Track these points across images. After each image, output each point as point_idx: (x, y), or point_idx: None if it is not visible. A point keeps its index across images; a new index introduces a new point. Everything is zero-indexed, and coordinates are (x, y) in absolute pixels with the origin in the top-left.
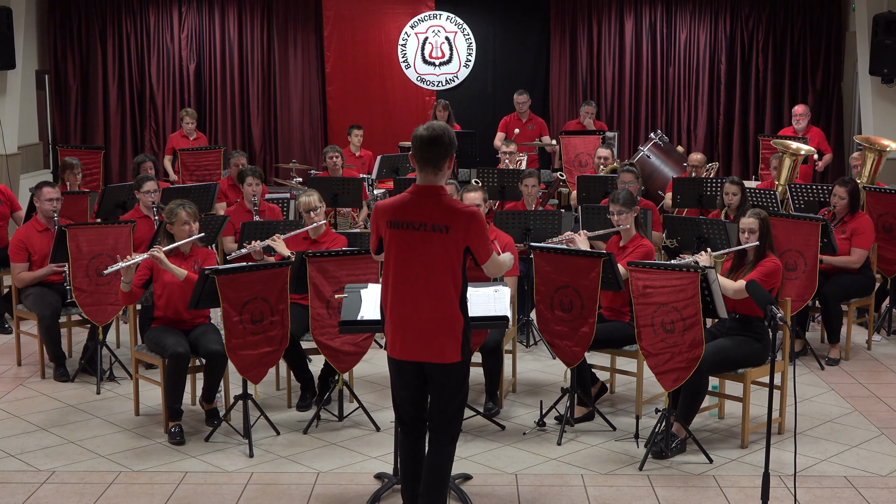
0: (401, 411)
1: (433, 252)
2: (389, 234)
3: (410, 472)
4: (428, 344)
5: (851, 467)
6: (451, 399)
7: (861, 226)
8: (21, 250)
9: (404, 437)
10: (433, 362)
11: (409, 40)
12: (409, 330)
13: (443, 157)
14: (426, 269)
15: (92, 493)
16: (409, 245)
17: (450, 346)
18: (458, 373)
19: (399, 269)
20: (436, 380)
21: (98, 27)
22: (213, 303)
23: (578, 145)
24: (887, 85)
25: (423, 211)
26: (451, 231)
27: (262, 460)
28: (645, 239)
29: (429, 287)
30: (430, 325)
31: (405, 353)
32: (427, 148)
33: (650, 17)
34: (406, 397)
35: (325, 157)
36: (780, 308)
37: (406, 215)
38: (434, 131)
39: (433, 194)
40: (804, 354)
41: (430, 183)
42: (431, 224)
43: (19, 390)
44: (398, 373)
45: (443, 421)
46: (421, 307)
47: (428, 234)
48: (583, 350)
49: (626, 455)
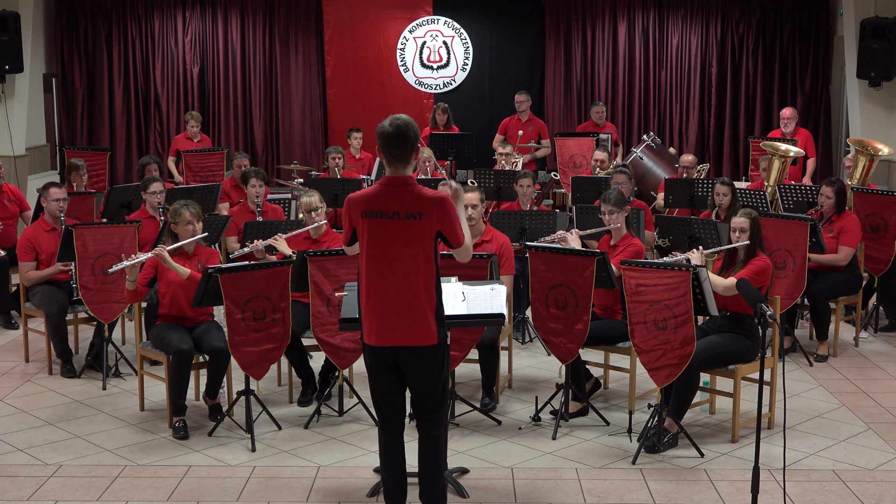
0: (380, 403)
1: (407, 239)
2: (364, 224)
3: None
4: (405, 328)
5: (839, 461)
6: (434, 385)
7: (848, 225)
8: (29, 249)
9: (383, 434)
10: (410, 345)
11: (408, 44)
12: (386, 316)
13: (410, 151)
14: (401, 256)
15: (98, 487)
16: (383, 233)
17: (426, 328)
18: (436, 356)
19: (374, 256)
20: (413, 365)
21: (104, 32)
22: (217, 301)
23: (573, 147)
24: (874, 88)
25: (396, 200)
26: (423, 217)
27: (264, 454)
28: (635, 238)
29: (403, 273)
30: (405, 310)
31: (382, 339)
32: (396, 144)
33: (643, 22)
34: (384, 387)
35: (328, 158)
36: (769, 306)
37: (380, 205)
38: (399, 128)
39: (404, 184)
40: (793, 351)
41: (400, 174)
42: (405, 212)
43: (27, 386)
44: (375, 360)
45: (429, 409)
46: (396, 293)
47: (402, 223)
48: (577, 347)
49: (620, 449)
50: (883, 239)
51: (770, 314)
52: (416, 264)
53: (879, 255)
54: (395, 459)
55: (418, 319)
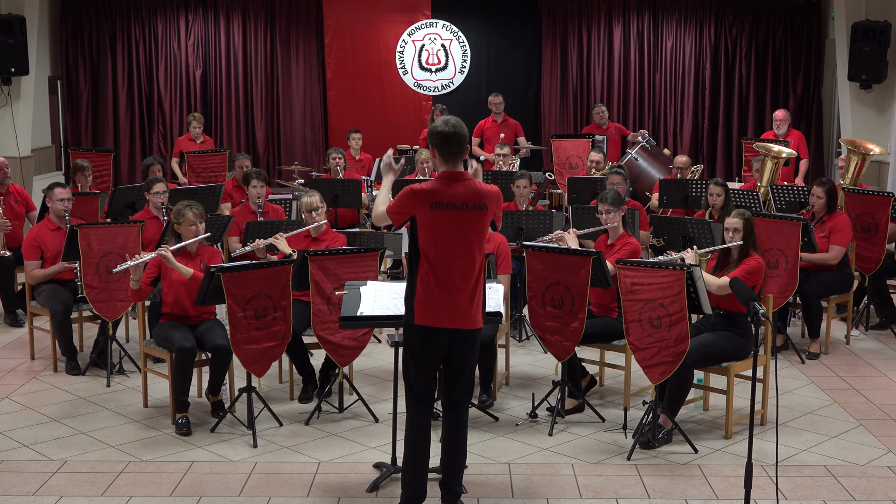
0: (420, 384)
1: (472, 228)
2: (432, 215)
3: (423, 461)
4: (463, 311)
5: (831, 457)
6: (472, 366)
7: (839, 224)
8: (34, 248)
9: (419, 416)
10: (465, 328)
11: (407, 47)
12: (451, 299)
13: (464, 149)
14: (465, 243)
15: (102, 482)
16: (451, 223)
17: (477, 311)
18: (479, 339)
19: (440, 244)
20: (466, 347)
21: (108, 35)
22: (219, 299)
23: (569, 148)
24: (865, 90)
25: (462, 193)
26: (488, 209)
27: (266, 450)
28: (632, 237)
29: (468, 260)
30: (468, 294)
31: (443, 321)
32: (452, 142)
33: (638, 26)
34: (428, 369)
35: (329, 159)
36: (762, 304)
37: (448, 197)
38: (454, 127)
39: (463, 179)
40: (785, 349)
41: (458, 169)
42: (472, 203)
43: (32, 383)
44: (427, 341)
45: (464, 390)
46: (461, 278)
47: (469, 213)
48: (573, 344)
49: (615, 445)
50: (874, 238)
51: (763, 312)
52: (477, 251)
53: (870, 254)
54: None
55: (476, 303)
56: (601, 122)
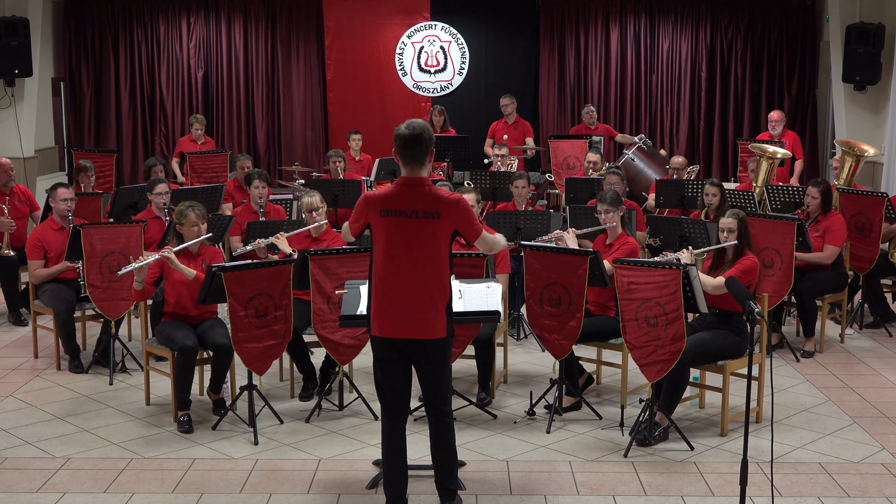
0: (386, 392)
1: (424, 236)
2: (381, 222)
3: (397, 463)
4: (419, 322)
5: (825, 454)
6: (442, 375)
7: (833, 224)
8: (37, 248)
9: (389, 422)
10: (423, 338)
11: (406, 49)
12: (401, 309)
13: (424, 153)
14: (417, 252)
15: (105, 479)
16: (401, 231)
17: (438, 322)
18: (445, 348)
19: (390, 252)
20: (425, 357)
21: (111, 37)
22: (220, 298)
23: (566, 149)
24: (859, 92)
25: (414, 200)
26: (442, 217)
27: (267, 447)
28: (630, 237)
29: (418, 268)
30: (419, 303)
31: (396, 331)
32: (410, 145)
33: (634, 28)
34: (391, 378)
35: (329, 161)
36: (757, 303)
37: (398, 204)
38: (415, 130)
39: (420, 185)
40: (780, 347)
41: (416, 175)
42: (423, 211)
43: (36, 381)
44: (386, 352)
45: (438, 396)
46: (412, 288)
47: (420, 221)
48: (570, 343)
49: (612, 442)
50: (868, 238)
51: (758, 311)
52: (430, 260)
53: (865, 253)
54: (398, 454)
55: (431, 314)
56: (590, 122)
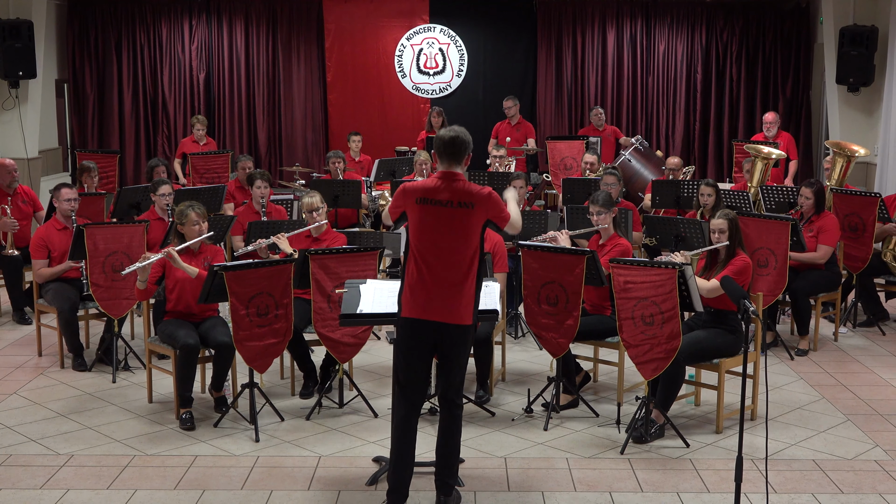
0: (405, 378)
1: (457, 224)
2: (417, 209)
3: (406, 457)
4: (448, 307)
5: (819, 451)
6: (462, 363)
7: (827, 224)
8: (41, 248)
9: (403, 414)
10: (451, 323)
11: (405, 51)
12: (433, 293)
13: (461, 153)
14: (451, 239)
15: (108, 476)
16: (436, 219)
17: (465, 308)
18: (470, 335)
19: (425, 238)
20: (450, 341)
21: (114, 39)
22: (222, 297)
23: (563, 150)
24: (853, 93)
25: (450, 191)
26: (475, 207)
27: (268, 445)
28: (622, 238)
29: (452, 255)
30: (449, 288)
31: (427, 313)
32: (450, 145)
33: (631, 30)
34: (414, 362)
35: (329, 162)
36: (752, 302)
37: (434, 194)
38: (454, 133)
39: (455, 179)
40: (775, 346)
41: (453, 170)
42: (458, 201)
43: (40, 379)
44: (412, 334)
45: (454, 386)
46: (444, 272)
47: (454, 210)
48: (568, 341)
49: (609, 440)
50: (861, 238)
51: (753, 310)
52: (462, 248)
53: (858, 253)
54: (409, 446)
55: (459, 300)
56: (598, 124)
